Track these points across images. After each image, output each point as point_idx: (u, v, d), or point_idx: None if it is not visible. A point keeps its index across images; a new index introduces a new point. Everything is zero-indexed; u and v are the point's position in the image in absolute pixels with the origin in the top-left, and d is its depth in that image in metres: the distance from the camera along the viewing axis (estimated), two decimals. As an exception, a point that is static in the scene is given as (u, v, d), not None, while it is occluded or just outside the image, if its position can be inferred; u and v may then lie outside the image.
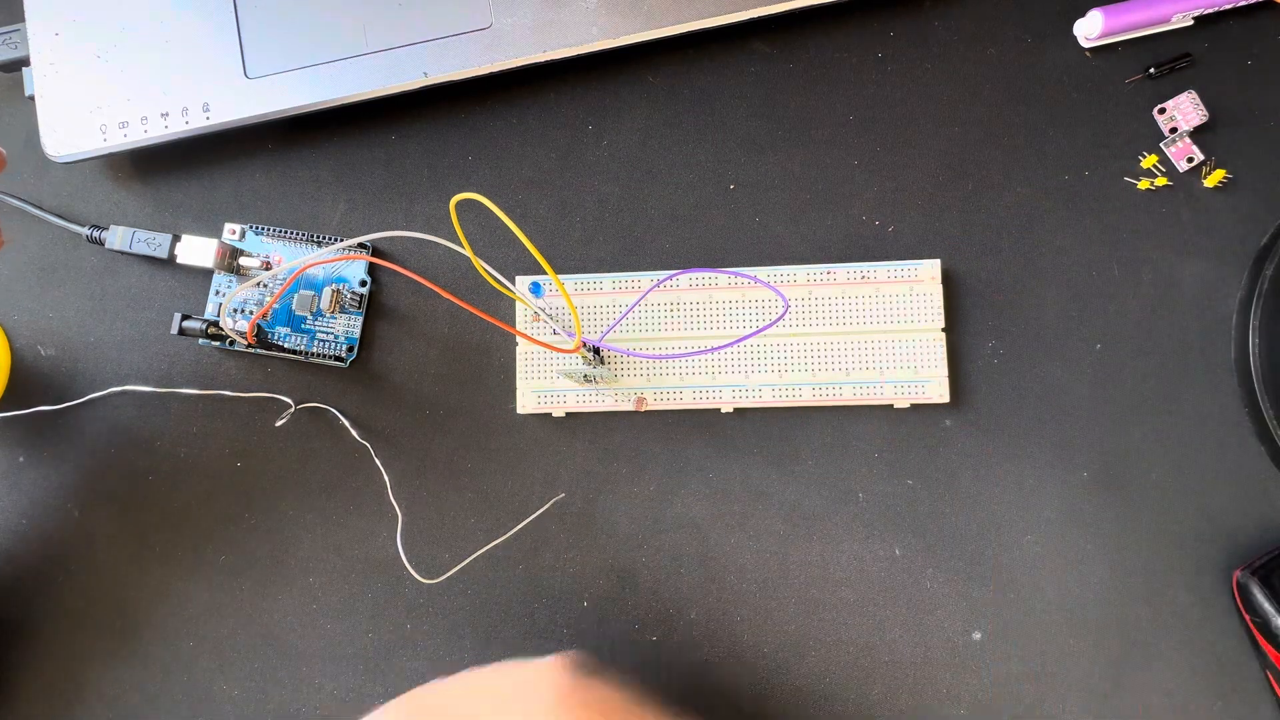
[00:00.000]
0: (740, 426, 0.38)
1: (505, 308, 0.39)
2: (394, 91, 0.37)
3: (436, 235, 0.31)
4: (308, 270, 0.39)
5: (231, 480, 0.39)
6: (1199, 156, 0.38)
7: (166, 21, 0.38)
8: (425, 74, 0.37)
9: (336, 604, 0.38)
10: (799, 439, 0.38)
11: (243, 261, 0.39)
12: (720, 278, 0.38)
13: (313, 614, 0.38)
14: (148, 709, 0.38)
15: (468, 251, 0.29)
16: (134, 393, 0.39)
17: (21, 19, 0.38)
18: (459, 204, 0.28)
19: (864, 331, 0.37)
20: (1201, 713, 0.37)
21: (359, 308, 0.39)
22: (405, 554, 0.37)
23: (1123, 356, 0.38)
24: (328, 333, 0.39)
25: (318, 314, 0.39)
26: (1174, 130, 0.38)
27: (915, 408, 0.38)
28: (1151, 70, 0.38)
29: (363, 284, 0.39)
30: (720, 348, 0.36)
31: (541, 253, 0.29)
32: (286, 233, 0.40)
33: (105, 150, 0.38)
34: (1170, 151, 0.38)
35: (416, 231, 0.31)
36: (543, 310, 0.37)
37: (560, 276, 0.38)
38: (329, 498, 0.39)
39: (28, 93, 0.38)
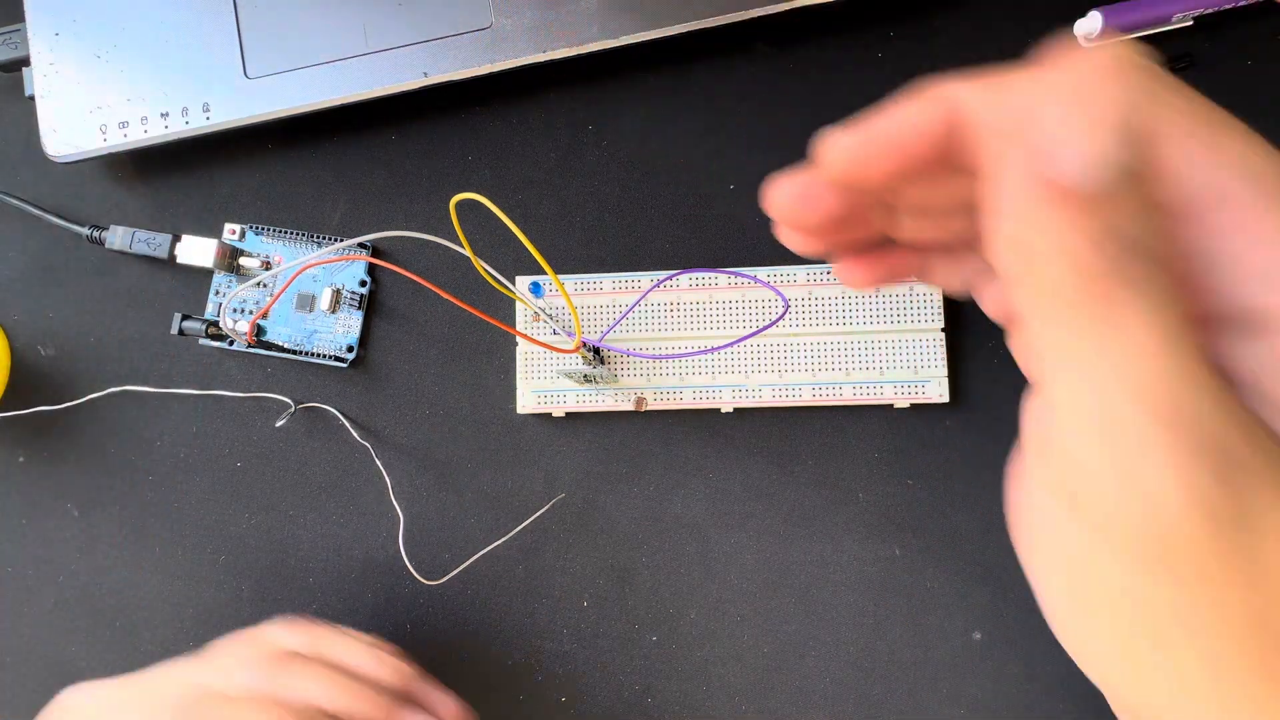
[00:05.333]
0: (740, 426, 0.38)
1: (505, 308, 0.39)
2: (394, 91, 0.37)
3: (436, 235, 0.31)
4: (308, 270, 0.39)
5: (231, 480, 0.39)
6: (1199, 156, 0.38)
7: (166, 21, 0.38)
8: (425, 74, 0.37)
9: (336, 604, 0.38)
10: (799, 439, 0.38)
11: (243, 261, 0.39)
12: (720, 278, 0.38)
13: (313, 614, 0.38)
14: (148, 709, 0.38)
15: (468, 251, 0.29)
16: (134, 393, 0.39)
17: (21, 19, 0.38)
18: (459, 204, 0.28)
19: (864, 331, 0.37)
20: (1201, 713, 0.37)
21: (359, 308, 0.39)
22: (406, 554, 0.37)
23: (1123, 356, 0.38)
24: (328, 333, 0.39)
25: (317, 314, 0.39)
26: (1174, 130, 0.38)
27: (915, 408, 0.38)
28: (1151, 70, 0.38)
29: (363, 284, 0.39)
30: (720, 348, 0.36)
31: (541, 253, 0.29)
32: (286, 233, 0.40)
33: (105, 150, 0.38)
34: (1170, 151, 0.38)
35: (416, 231, 0.31)
36: (543, 310, 0.37)
37: (560, 276, 0.38)
38: (329, 498, 0.39)
39: (28, 93, 0.38)
